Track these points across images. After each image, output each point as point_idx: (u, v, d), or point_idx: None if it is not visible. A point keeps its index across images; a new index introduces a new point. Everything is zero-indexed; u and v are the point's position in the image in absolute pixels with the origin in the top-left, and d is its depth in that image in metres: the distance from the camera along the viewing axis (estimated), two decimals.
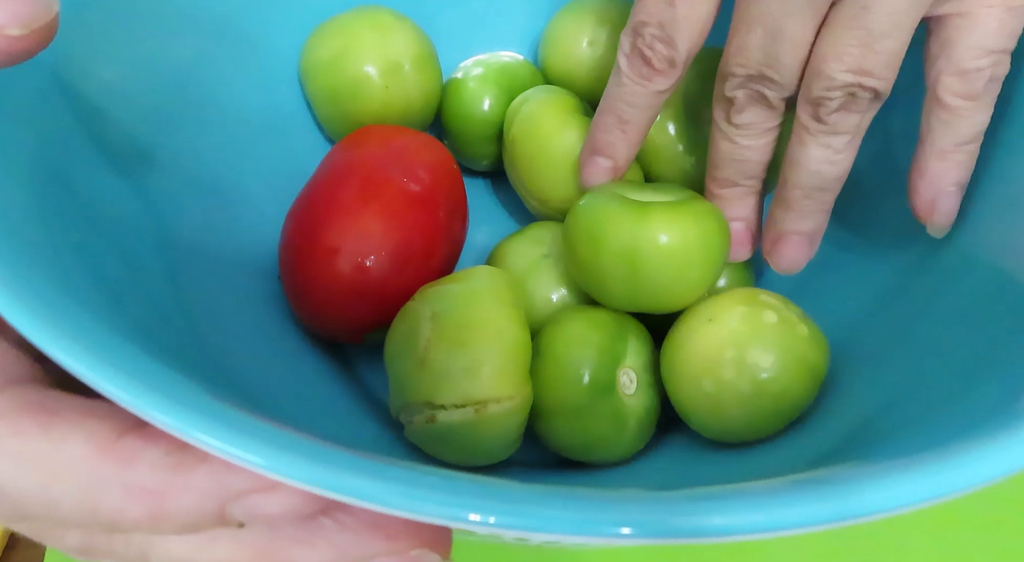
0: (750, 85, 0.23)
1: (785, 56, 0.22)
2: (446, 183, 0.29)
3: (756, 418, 0.23)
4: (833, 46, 0.22)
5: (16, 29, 0.15)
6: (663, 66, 0.24)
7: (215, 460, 0.13)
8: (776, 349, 0.23)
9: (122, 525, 0.13)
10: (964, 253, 0.24)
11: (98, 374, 0.13)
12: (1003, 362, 0.19)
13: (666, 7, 0.23)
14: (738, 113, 0.24)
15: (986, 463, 0.13)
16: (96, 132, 0.22)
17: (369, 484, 0.12)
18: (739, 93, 0.24)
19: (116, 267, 0.20)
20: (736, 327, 0.23)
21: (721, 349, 0.23)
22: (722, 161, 0.26)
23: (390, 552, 0.14)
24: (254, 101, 0.30)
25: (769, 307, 0.24)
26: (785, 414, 0.23)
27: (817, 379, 0.23)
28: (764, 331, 0.23)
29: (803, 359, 0.23)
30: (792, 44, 0.22)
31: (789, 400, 0.23)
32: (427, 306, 0.24)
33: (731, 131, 0.25)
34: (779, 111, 0.24)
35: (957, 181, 0.24)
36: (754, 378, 0.23)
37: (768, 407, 0.23)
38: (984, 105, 0.23)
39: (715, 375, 0.23)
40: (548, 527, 0.12)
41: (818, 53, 0.22)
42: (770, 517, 0.12)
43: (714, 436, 0.25)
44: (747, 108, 0.24)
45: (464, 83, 0.33)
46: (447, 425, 0.23)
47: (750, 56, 0.23)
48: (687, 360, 0.24)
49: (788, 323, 0.23)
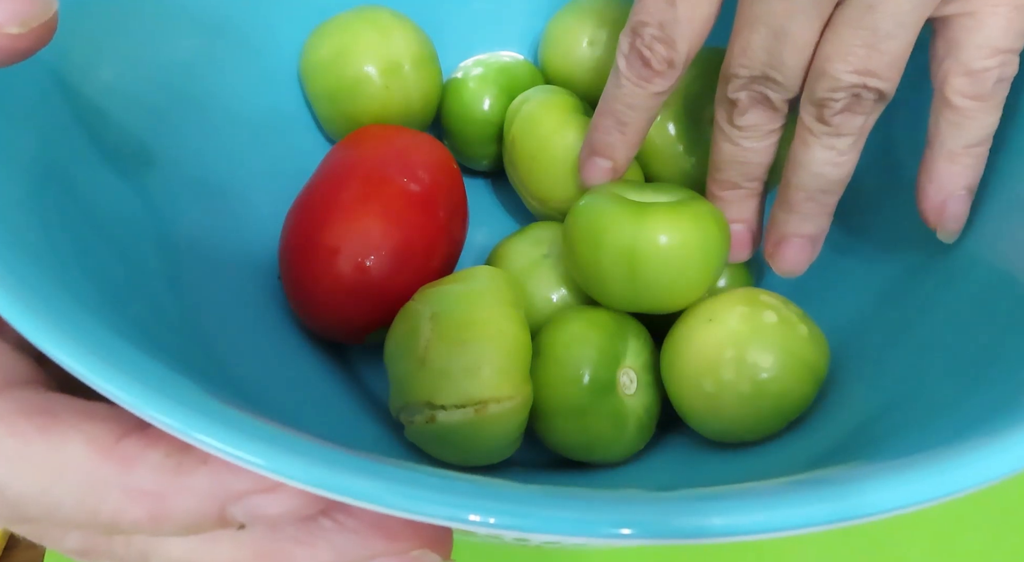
0: (753, 86, 0.23)
1: (789, 57, 0.22)
2: (446, 183, 0.29)
3: (756, 418, 0.23)
4: (838, 46, 0.21)
5: (15, 27, 0.15)
6: (662, 67, 0.24)
7: (215, 461, 0.13)
8: (776, 349, 0.23)
9: (122, 527, 0.13)
10: (965, 254, 0.24)
11: (98, 374, 0.13)
12: (1003, 363, 0.19)
13: (667, 7, 0.23)
14: (741, 115, 0.24)
15: (986, 463, 0.13)
16: (96, 132, 0.22)
17: (369, 485, 0.12)
18: (742, 95, 0.24)
19: (116, 267, 0.20)
20: (736, 327, 0.23)
21: (721, 349, 0.23)
22: (724, 163, 0.26)
23: (390, 552, 0.14)
24: (254, 101, 0.30)
25: (769, 307, 0.24)
26: (785, 414, 0.23)
27: (817, 379, 0.23)
28: (764, 331, 0.23)
29: (803, 359, 0.23)
30: (796, 45, 0.22)
31: (789, 400, 0.23)
32: (427, 306, 0.24)
33: (734, 133, 0.25)
34: (782, 113, 0.24)
35: (967, 184, 0.23)
36: (754, 378, 0.23)
37: (768, 407, 0.23)
38: (993, 106, 0.22)
39: (715, 375, 0.23)
40: (548, 528, 0.12)
41: (822, 53, 0.22)
42: (770, 518, 0.12)
43: (714, 436, 0.25)
44: (750, 110, 0.24)
45: (464, 83, 0.33)
46: (447, 425, 0.23)
47: (754, 57, 0.23)
48: (687, 360, 0.24)
49: (788, 323, 0.23)
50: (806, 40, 0.22)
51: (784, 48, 0.22)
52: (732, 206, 0.26)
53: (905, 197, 0.25)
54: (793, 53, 0.22)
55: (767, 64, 0.23)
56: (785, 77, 0.23)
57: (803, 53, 0.22)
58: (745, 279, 0.29)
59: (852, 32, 0.21)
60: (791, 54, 0.22)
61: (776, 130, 0.25)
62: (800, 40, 0.22)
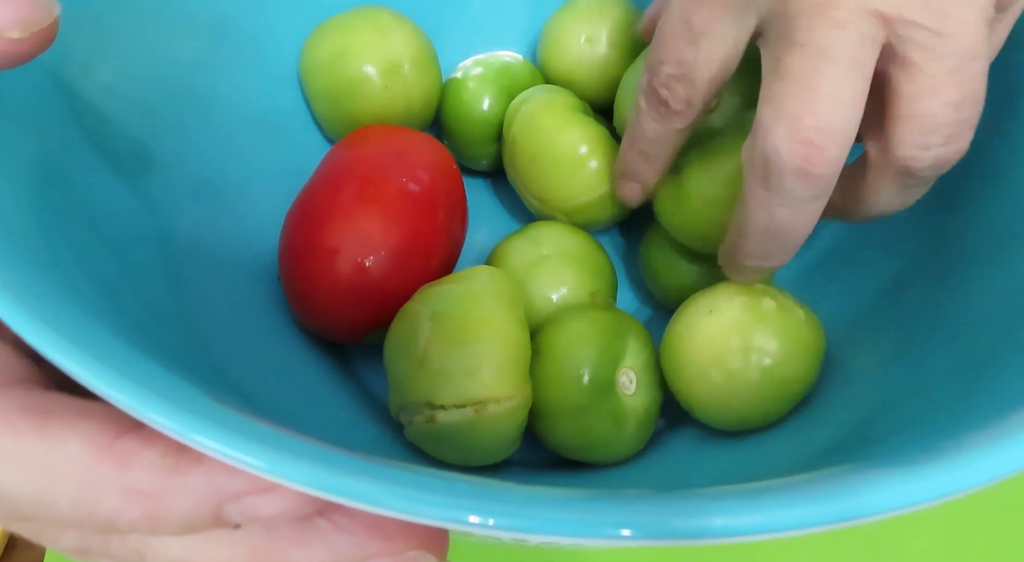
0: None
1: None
2: (446, 183, 0.29)
3: (766, 403, 0.23)
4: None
5: (16, 32, 0.15)
6: (680, 106, 0.23)
7: (212, 461, 0.13)
8: (780, 334, 0.23)
9: (119, 526, 0.13)
10: (966, 254, 0.24)
11: (95, 376, 0.13)
12: (1004, 362, 0.19)
13: (685, 45, 0.22)
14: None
15: (986, 463, 0.13)
16: (95, 132, 0.22)
17: (365, 485, 0.12)
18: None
19: (114, 267, 0.20)
20: (738, 316, 0.24)
21: (727, 338, 0.23)
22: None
23: (386, 553, 0.14)
24: (254, 101, 0.30)
25: (766, 294, 0.24)
26: (793, 396, 0.24)
27: (819, 360, 0.24)
28: (766, 318, 0.23)
29: (805, 341, 0.23)
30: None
31: (796, 383, 0.23)
32: (427, 306, 0.24)
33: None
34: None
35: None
36: (761, 364, 0.23)
37: (777, 391, 0.23)
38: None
39: (723, 365, 0.23)
40: (547, 529, 0.12)
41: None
42: (770, 518, 0.12)
43: (724, 426, 0.25)
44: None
45: (464, 83, 0.33)
46: (447, 425, 0.22)
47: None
48: (692, 353, 0.24)
49: (786, 308, 0.24)
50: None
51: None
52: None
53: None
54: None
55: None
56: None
57: None
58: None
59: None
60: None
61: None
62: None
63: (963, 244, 0.24)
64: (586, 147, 0.29)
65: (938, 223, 0.26)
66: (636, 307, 0.33)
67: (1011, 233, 0.23)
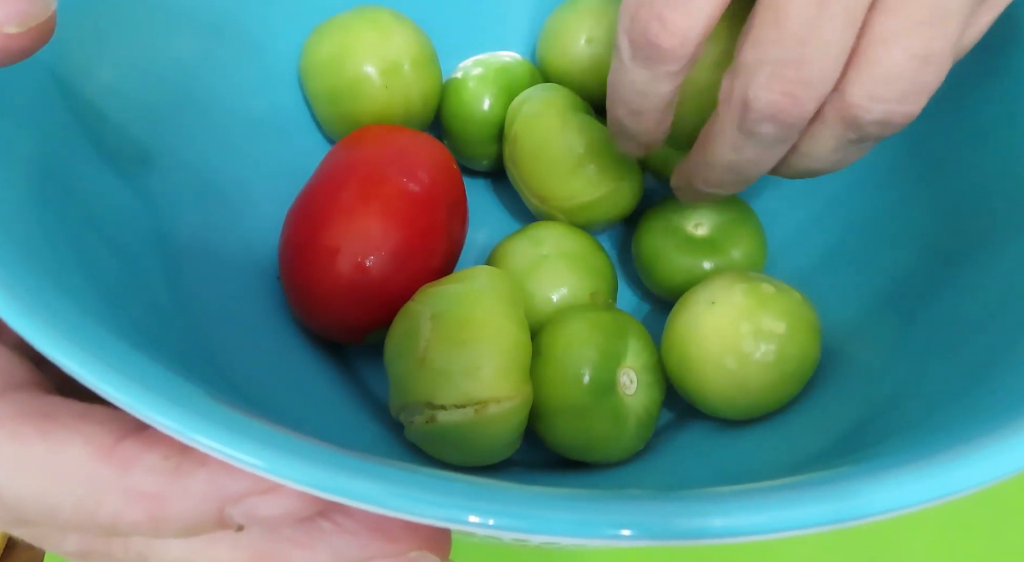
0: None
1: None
2: (446, 183, 0.29)
3: (779, 385, 0.24)
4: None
5: (13, 27, 0.15)
6: (673, 42, 0.19)
7: (214, 463, 0.13)
8: (785, 315, 0.24)
9: (121, 529, 0.13)
10: (967, 254, 0.24)
11: (97, 376, 0.13)
12: (1005, 363, 0.19)
13: None
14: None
15: (986, 463, 0.13)
16: (95, 132, 0.22)
17: (367, 486, 0.12)
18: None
19: (115, 267, 0.20)
20: (743, 302, 0.24)
21: (736, 325, 0.24)
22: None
23: (388, 554, 0.14)
24: (254, 101, 0.30)
25: (763, 280, 0.25)
26: (803, 376, 0.24)
27: (819, 338, 0.25)
28: (769, 301, 0.24)
29: (807, 320, 0.24)
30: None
31: (804, 360, 0.24)
32: (427, 306, 0.24)
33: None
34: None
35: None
36: (773, 346, 0.23)
37: (789, 371, 0.24)
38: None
39: (737, 351, 0.24)
40: (547, 529, 0.12)
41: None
42: (770, 518, 0.12)
43: (738, 415, 0.25)
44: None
45: (464, 83, 0.33)
46: (447, 425, 0.23)
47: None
48: (701, 345, 0.24)
49: (784, 290, 0.25)
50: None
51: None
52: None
53: (908, 192, 0.25)
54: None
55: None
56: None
57: None
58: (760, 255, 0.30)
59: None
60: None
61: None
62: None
63: (964, 244, 0.24)
64: (587, 147, 0.29)
65: (939, 222, 0.26)
66: (635, 305, 0.33)
67: (1012, 233, 0.23)
